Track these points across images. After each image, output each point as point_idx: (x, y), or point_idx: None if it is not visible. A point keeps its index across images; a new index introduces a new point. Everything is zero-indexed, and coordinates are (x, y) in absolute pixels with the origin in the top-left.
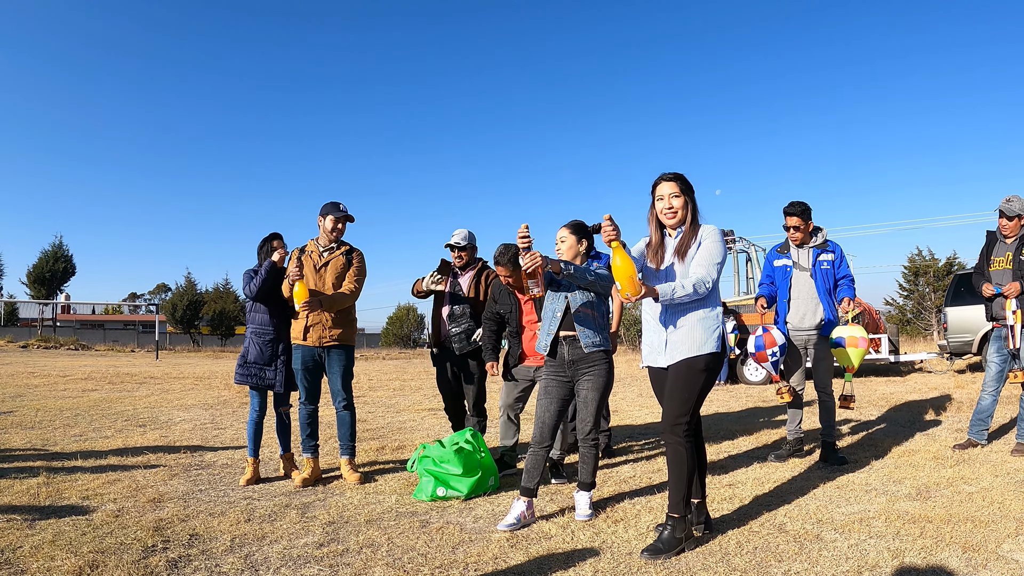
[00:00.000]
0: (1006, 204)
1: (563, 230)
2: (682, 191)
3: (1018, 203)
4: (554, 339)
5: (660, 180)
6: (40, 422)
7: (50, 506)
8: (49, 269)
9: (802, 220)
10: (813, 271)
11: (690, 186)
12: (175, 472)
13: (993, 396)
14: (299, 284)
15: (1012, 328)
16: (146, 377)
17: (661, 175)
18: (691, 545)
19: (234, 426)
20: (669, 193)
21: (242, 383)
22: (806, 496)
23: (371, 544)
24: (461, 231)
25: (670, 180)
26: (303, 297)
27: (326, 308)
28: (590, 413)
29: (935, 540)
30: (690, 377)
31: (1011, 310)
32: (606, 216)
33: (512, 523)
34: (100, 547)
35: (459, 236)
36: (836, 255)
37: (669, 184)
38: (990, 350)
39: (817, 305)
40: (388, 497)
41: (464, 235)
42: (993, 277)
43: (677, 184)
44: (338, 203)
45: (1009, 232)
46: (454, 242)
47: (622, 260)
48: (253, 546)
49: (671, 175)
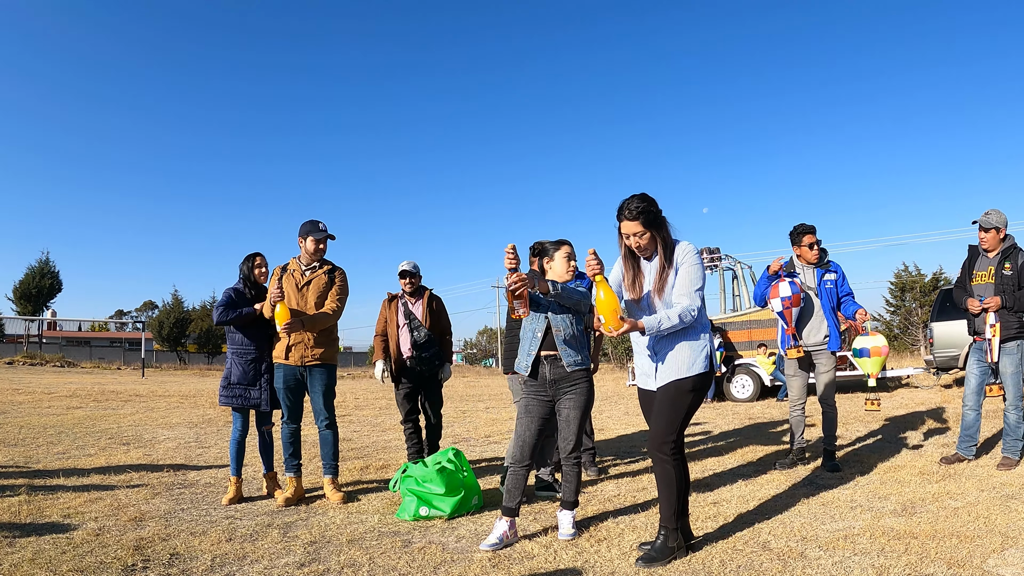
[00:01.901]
0: (984, 217)
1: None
2: (646, 226)
3: (995, 216)
4: (535, 359)
5: (621, 218)
6: (23, 439)
7: (31, 524)
8: (35, 285)
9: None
10: (818, 290)
11: (655, 216)
12: (157, 491)
13: (976, 410)
14: (280, 305)
15: (990, 342)
16: (131, 395)
17: (622, 211)
18: (681, 554)
19: (218, 445)
20: (632, 232)
21: (227, 404)
22: (790, 513)
23: (352, 564)
24: (409, 260)
25: (632, 219)
26: (284, 318)
27: (308, 328)
28: (572, 432)
29: (920, 556)
30: (678, 398)
31: (990, 324)
32: (591, 251)
33: (495, 543)
34: (80, 566)
35: (408, 264)
36: (838, 275)
37: (632, 224)
38: (970, 363)
39: (822, 322)
40: (371, 517)
41: (413, 263)
42: (975, 291)
43: (639, 223)
44: (318, 222)
45: (989, 245)
46: (406, 269)
47: (606, 294)
48: (234, 566)
49: (633, 213)
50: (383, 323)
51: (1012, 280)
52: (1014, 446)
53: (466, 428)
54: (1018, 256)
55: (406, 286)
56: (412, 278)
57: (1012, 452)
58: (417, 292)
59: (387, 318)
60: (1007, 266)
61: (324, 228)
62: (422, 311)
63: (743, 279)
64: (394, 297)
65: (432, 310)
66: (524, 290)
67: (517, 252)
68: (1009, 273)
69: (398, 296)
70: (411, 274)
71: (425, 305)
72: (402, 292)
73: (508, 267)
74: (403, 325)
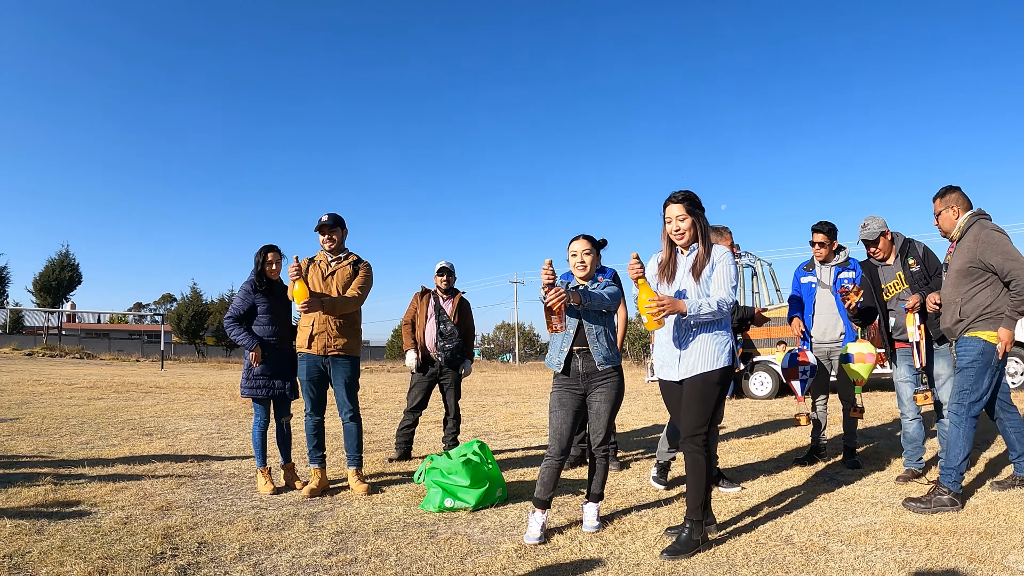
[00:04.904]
0: (865, 231)
1: (583, 243)
2: (688, 212)
3: (874, 222)
4: (568, 355)
5: (668, 202)
6: (46, 429)
7: (58, 512)
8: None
9: (827, 238)
10: (834, 288)
11: (697, 205)
12: (182, 481)
13: (918, 418)
14: (299, 283)
15: (917, 345)
16: (151, 387)
17: (669, 196)
18: (705, 547)
19: (240, 436)
20: (676, 216)
21: (250, 395)
22: (812, 508)
23: (380, 554)
24: (447, 260)
25: (677, 202)
26: (303, 296)
27: (328, 310)
28: (602, 425)
29: (941, 551)
30: (705, 391)
31: (915, 325)
32: (633, 255)
33: (540, 536)
34: (109, 553)
35: (446, 263)
36: (856, 273)
37: (676, 207)
38: (899, 372)
39: (837, 320)
40: (396, 508)
41: (451, 263)
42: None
43: (684, 206)
44: (323, 215)
45: (885, 254)
46: (444, 266)
47: (647, 295)
48: (262, 555)
49: (679, 197)
50: (412, 314)
51: (921, 275)
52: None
53: (486, 422)
54: (915, 248)
55: (441, 283)
56: (449, 276)
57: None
58: (451, 291)
59: (417, 309)
60: (911, 262)
61: (325, 220)
62: (452, 309)
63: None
64: (427, 291)
65: (461, 310)
66: (561, 305)
67: (553, 267)
68: (916, 268)
69: (431, 292)
70: (448, 272)
71: (456, 305)
72: (436, 288)
73: (545, 281)
74: (431, 317)
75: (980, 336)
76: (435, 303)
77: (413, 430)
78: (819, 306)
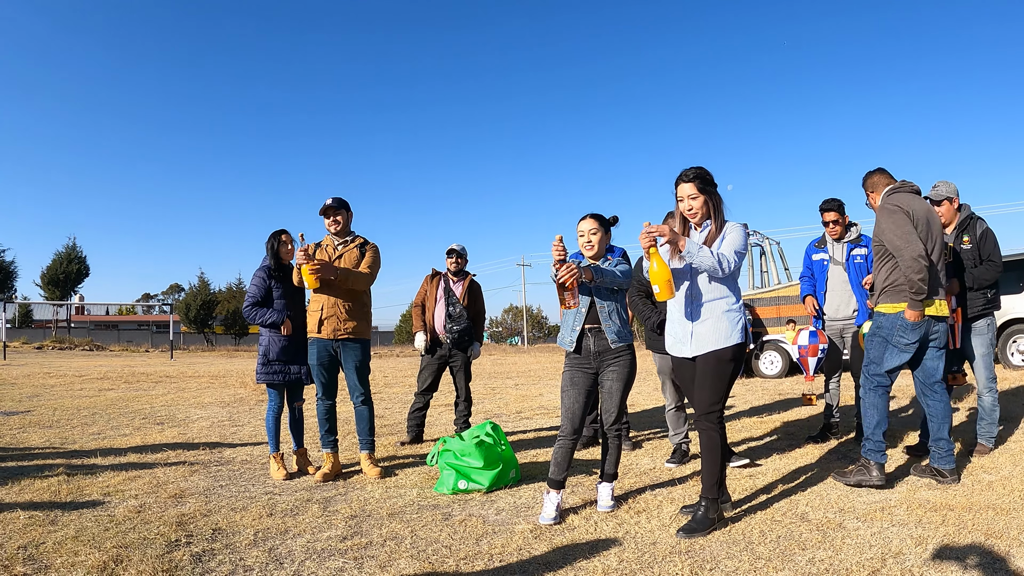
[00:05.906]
0: (934, 191)
1: (591, 222)
2: (700, 190)
3: (944, 187)
4: (579, 334)
5: (679, 181)
6: (58, 421)
7: (71, 503)
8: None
9: (839, 214)
10: (847, 265)
11: (710, 183)
12: (195, 468)
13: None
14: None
15: (953, 327)
16: (161, 376)
17: (681, 174)
18: (721, 525)
19: (252, 423)
20: (688, 195)
21: (266, 381)
22: (826, 486)
23: (395, 537)
24: (458, 243)
25: (688, 182)
26: (309, 279)
27: (341, 280)
28: (615, 404)
29: (957, 527)
30: (719, 368)
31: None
32: (645, 224)
33: (556, 516)
34: (123, 542)
35: (457, 245)
36: (869, 249)
37: (687, 186)
38: None
39: (850, 297)
40: (409, 491)
41: (462, 246)
42: None
43: (696, 185)
44: (328, 199)
45: (945, 219)
46: (454, 248)
47: (658, 265)
48: (276, 540)
49: (690, 175)
50: (422, 295)
51: (972, 254)
52: (989, 431)
53: (496, 404)
54: (976, 226)
55: (451, 265)
56: (459, 258)
57: (987, 439)
58: (461, 274)
59: (427, 291)
60: (965, 239)
61: (330, 203)
62: (461, 291)
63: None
64: (437, 274)
65: (471, 292)
66: (573, 281)
67: (564, 244)
68: (968, 247)
69: (442, 274)
70: (458, 254)
71: (465, 287)
72: (447, 271)
73: (556, 258)
74: (440, 299)
75: (881, 310)
76: (445, 285)
77: (424, 413)
78: (832, 283)
